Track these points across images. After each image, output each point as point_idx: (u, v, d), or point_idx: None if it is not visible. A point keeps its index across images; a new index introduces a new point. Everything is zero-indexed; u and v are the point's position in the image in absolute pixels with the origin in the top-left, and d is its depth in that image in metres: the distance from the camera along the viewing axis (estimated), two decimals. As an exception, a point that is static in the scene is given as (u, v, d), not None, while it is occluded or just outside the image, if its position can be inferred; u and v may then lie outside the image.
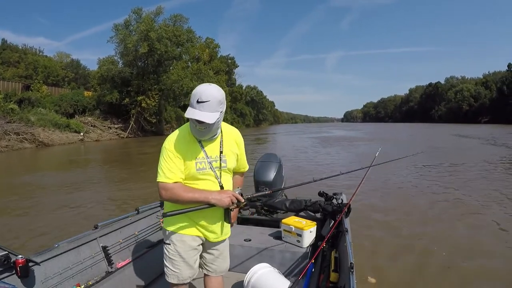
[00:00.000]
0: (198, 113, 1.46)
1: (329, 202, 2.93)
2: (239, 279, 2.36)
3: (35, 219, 5.42)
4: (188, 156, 1.59)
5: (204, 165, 1.61)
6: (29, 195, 7.18)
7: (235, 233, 2.83)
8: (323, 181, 2.33)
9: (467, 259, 3.78)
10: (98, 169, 12.10)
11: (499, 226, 4.90)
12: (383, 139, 24.32)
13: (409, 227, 4.90)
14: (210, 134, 1.58)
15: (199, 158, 1.60)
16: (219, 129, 1.63)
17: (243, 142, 1.78)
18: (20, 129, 19.40)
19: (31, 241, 4.37)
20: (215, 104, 1.48)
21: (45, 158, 16.47)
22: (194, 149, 1.61)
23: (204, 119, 1.46)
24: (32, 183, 8.64)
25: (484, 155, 13.56)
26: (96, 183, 8.87)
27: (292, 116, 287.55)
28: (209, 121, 1.46)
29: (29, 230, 4.82)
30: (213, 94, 1.48)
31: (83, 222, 5.00)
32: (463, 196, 6.73)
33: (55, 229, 4.80)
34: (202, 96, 1.46)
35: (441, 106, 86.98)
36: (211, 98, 1.47)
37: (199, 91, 1.48)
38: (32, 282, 1.70)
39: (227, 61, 64.52)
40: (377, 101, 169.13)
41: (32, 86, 27.90)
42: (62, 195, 7.20)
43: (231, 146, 1.70)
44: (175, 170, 1.56)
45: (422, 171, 9.83)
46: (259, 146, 20.87)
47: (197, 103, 1.47)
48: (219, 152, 1.64)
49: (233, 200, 1.59)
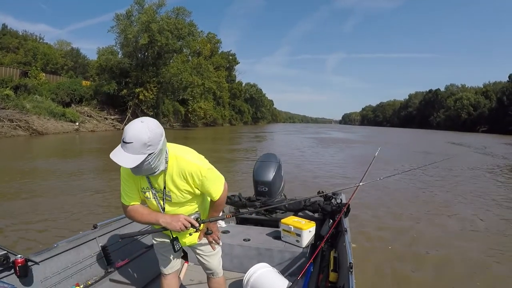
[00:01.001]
0: (118, 154, 1.31)
1: (328, 202, 2.94)
2: (238, 279, 2.35)
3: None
4: (135, 183, 1.58)
5: (148, 195, 1.59)
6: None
7: (234, 233, 2.83)
8: (323, 181, 2.33)
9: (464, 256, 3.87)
10: (92, 160, 12.01)
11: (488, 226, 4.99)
12: (379, 143, 24.49)
13: (409, 227, 4.96)
14: (145, 173, 1.44)
15: (143, 188, 1.58)
16: (161, 166, 1.46)
17: (198, 174, 1.52)
18: (14, 116, 19.16)
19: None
20: (139, 146, 1.30)
21: (37, 147, 16.29)
22: (140, 179, 1.57)
23: (122, 163, 1.31)
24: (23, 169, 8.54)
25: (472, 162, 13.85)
26: (87, 178, 8.80)
27: (290, 116, 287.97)
28: (127, 165, 1.32)
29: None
30: (139, 135, 1.29)
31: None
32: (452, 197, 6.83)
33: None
34: (125, 136, 1.30)
35: (440, 113, 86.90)
36: (134, 140, 1.29)
37: (126, 129, 1.33)
38: (31, 282, 1.69)
39: (228, 57, 64.28)
40: (376, 105, 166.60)
41: (30, 73, 27.56)
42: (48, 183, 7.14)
43: (177, 182, 1.53)
44: (131, 193, 1.59)
45: (417, 173, 9.96)
46: (258, 144, 20.87)
47: (122, 142, 1.31)
48: (163, 187, 1.56)
49: (185, 225, 1.52)
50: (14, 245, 3.63)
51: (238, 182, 7.79)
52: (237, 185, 7.06)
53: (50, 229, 4.36)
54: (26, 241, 3.90)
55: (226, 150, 17.01)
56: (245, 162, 11.81)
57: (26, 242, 3.88)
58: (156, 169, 1.45)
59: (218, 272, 1.87)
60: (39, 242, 3.83)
